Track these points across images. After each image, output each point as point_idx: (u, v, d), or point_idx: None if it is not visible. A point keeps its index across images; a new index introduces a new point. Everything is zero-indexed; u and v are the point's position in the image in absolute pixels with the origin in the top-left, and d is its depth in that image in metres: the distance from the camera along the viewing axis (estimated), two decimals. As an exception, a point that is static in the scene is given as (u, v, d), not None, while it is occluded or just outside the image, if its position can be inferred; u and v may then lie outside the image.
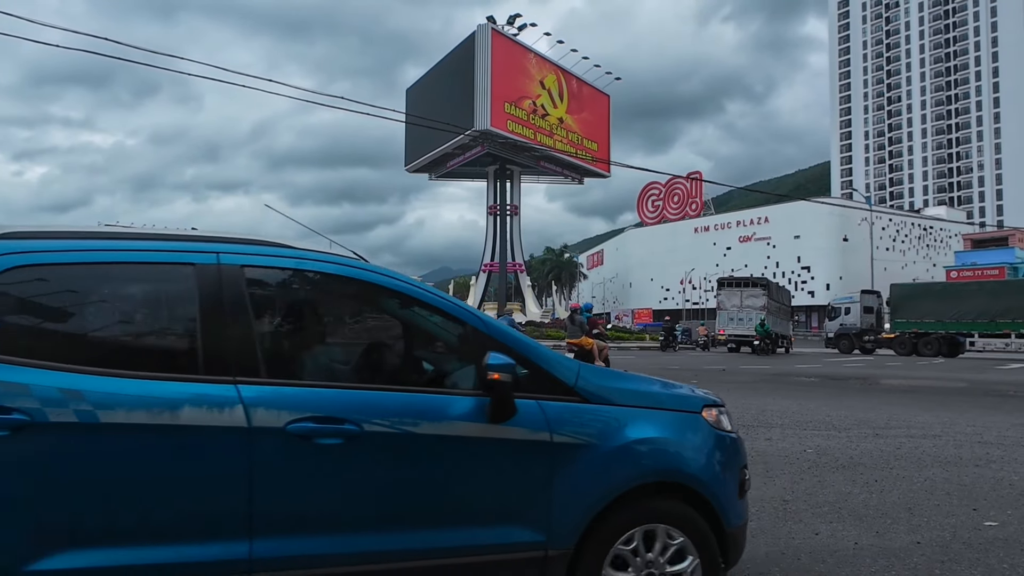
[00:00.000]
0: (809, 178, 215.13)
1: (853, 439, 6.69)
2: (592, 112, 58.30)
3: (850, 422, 7.88)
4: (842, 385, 13.81)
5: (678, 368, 18.82)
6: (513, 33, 52.08)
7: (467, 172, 58.20)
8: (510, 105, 49.65)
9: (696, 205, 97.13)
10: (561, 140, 54.10)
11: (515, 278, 55.66)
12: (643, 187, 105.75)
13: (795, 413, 8.70)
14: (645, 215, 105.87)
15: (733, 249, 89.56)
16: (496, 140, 49.33)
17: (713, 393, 2.84)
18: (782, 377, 15.89)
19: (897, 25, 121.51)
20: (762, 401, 10.15)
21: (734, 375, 16.36)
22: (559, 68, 54.99)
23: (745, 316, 32.09)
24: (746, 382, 14.15)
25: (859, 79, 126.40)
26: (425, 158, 55.43)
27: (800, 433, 7.05)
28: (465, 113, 48.21)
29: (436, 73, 56.16)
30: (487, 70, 48.30)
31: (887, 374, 17.89)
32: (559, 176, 58.87)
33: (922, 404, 10.38)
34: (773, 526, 3.79)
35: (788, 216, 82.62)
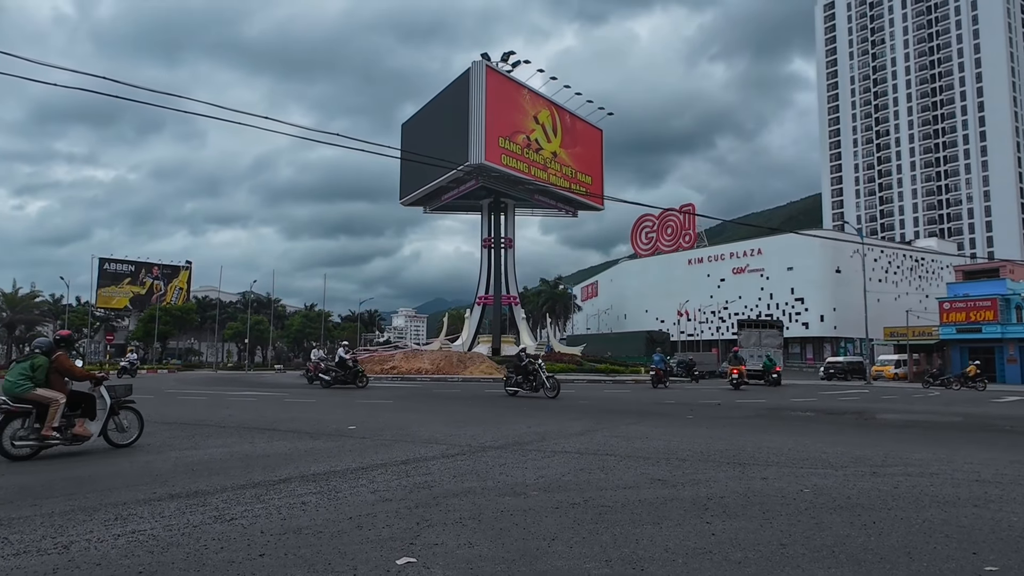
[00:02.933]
0: (801, 210, 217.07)
1: (850, 478, 6.61)
2: (585, 146, 58.95)
3: (847, 459, 7.81)
4: (838, 420, 13.73)
5: (673, 403, 18.71)
6: (507, 70, 52.84)
7: (462, 205, 58.53)
8: (504, 139, 50.15)
9: (689, 237, 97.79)
10: (555, 174, 54.57)
11: (510, 310, 55.57)
12: (636, 219, 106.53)
13: (791, 450, 8.62)
14: (639, 247, 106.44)
15: (727, 281, 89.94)
16: (490, 174, 49.70)
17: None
18: (777, 412, 15.80)
19: (883, 61, 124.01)
20: (758, 438, 10.07)
21: (729, 410, 16.26)
22: (552, 103, 55.73)
23: (764, 354, 35.76)
24: (741, 417, 14.06)
25: (847, 113, 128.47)
26: (420, 191, 55.77)
27: (796, 471, 6.98)
28: (460, 147, 48.65)
29: (431, 108, 56.83)
30: (481, 105, 48.90)
31: (883, 408, 17.82)
32: (553, 209, 59.23)
33: (918, 440, 10.31)
34: (770, 571, 3.72)
35: (781, 248, 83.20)
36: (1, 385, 7.94)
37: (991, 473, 6.96)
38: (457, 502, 5.31)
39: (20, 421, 7.69)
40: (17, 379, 7.73)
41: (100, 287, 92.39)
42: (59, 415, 7.81)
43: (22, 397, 7.68)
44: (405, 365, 39.68)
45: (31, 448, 7.70)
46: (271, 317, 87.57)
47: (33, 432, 7.70)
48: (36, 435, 7.69)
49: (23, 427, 7.70)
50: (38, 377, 7.83)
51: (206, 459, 7.56)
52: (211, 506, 5.14)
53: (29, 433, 7.69)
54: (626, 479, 6.43)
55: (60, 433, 7.84)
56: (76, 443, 8.14)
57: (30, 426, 7.72)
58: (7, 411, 7.62)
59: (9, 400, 7.66)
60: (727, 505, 5.29)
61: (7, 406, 7.63)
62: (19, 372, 7.78)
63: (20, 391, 7.68)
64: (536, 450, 8.40)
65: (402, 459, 7.54)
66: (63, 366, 8.10)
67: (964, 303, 47.64)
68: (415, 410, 15.22)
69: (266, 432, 10.21)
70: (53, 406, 7.77)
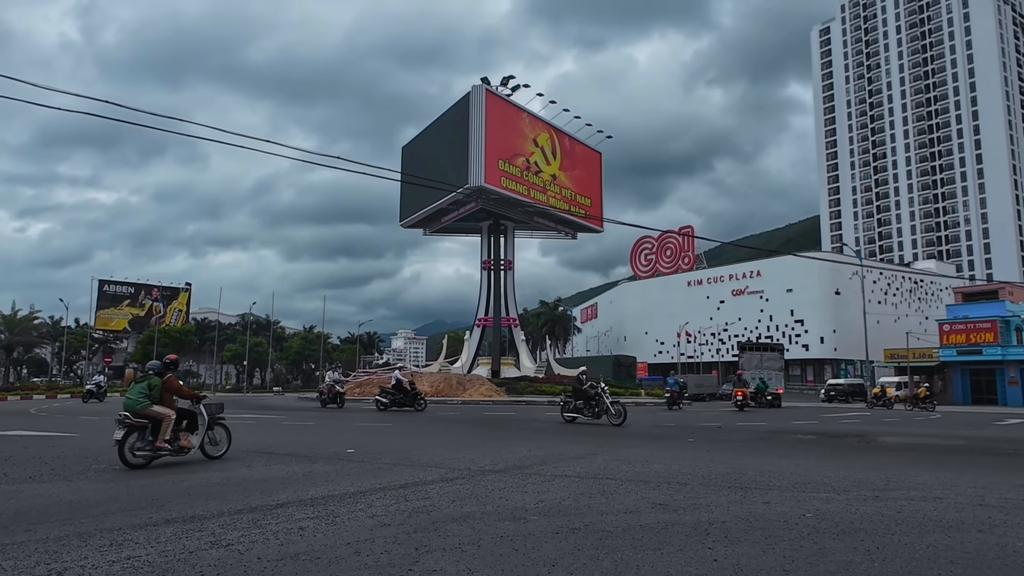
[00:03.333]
0: (799, 232, 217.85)
1: (852, 502, 6.56)
2: (584, 169, 59.34)
3: (849, 483, 7.75)
4: (839, 443, 13.64)
5: (674, 426, 18.61)
6: (507, 93, 53.38)
7: (461, 227, 58.76)
8: (504, 162, 50.50)
9: (688, 259, 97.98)
10: (554, 196, 54.86)
11: (509, 332, 55.51)
12: (636, 241, 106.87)
13: (792, 474, 8.55)
14: (638, 269, 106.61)
15: (727, 302, 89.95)
16: (490, 196, 49.96)
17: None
18: (778, 435, 15.71)
19: (879, 85, 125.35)
20: (759, 461, 9.99)
21: (730, 433, 16.17)
22: (552, 127, 56.22)
23: (767, 376, 36.96)
24: (743, 440, 13.97)
25: (844, 136, 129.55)
26: (420, 213, 56.01)
27: (798, 495, 6.91)
28: (459, 170, 48.99)
29: (431, 131, 57.31)
30: (481, 128, 49.32)
31: (884, 431, 17.72)
32: (553, 231, 59.47)
33: (921, 463, 10.24)
34: (773, 600, 3.67)
35: (780, 270, 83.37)
36: (123, 402, 9.00)
37: (995, 497, 6.90)
38: (456, 527, 5.26)
39: (138, 434, 8.76)
40: (137, 397, 8.79)
41: (99, 309, 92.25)
42: (170, 429, 8.95)
43: (141, 413, 8.75)
44: (404, 387, 39.45)
45: (145, 458, 8.76)
46: (270, 339, 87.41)
47: (148, 444, 8.79)
48: (150, 447, 8.78)
49: (140, 439, 8.77)
50: (154, 396, 8.90)
51: (203, 483, 7.49)
52: (207, 531, 5.08)
53: (145, 445, 8.78)
54: (627, 503, 6.37)
55: (170, 444, 8.95)
56: (181, 454, 9.16)
57: (145, 439, 8.79)
58: (129, 425, 8.68)
59: (130, 415, 8.69)
60: (729, 530, 5.24)
61: (129, 420, 8.68)
62: (138, 391, 8.85)
63: (139, 408, 8.73)
64: (536, 474, 8.34)
65: (401, 483, 7.47)
66: (173, 386, 9.20)
67: (964, 325, 47.59)
68: (414, 433, 15.13)
69: (264, 455, 10.14)
70: (166, 421, 8.90)
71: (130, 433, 8.68)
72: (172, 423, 8.97)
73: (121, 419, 8.70)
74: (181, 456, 9.24)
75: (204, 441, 9.57)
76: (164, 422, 8.88)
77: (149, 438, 8.79)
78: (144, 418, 8.78)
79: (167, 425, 8.89)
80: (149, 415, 8.80)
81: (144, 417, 8.78)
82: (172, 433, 9.01)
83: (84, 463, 9.19)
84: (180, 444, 9.10)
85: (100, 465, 8.97)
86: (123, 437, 8.63)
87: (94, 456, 9.98)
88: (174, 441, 9.03)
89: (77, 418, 20.53)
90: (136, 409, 8.73)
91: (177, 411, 9.17)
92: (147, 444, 8.78)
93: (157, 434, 8.82)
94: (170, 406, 9.06)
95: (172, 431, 9.01)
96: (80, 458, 9.76)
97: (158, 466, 8.90)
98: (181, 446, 9.11)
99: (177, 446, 9.05)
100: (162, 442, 8.82)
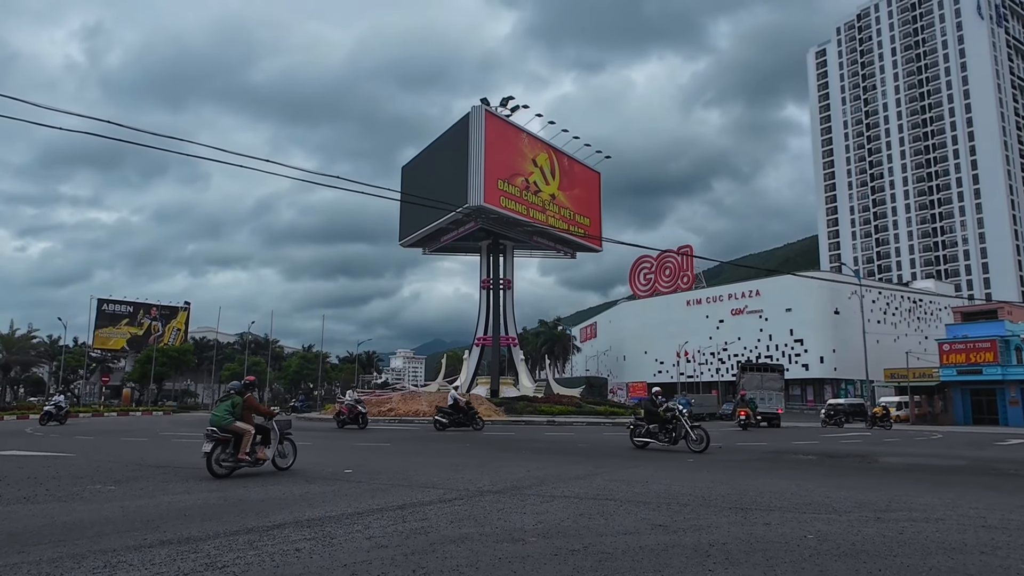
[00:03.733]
0: (798, 251, 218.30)
1: (854, 523, 6.50)
2: (583, 189, 59.62)
3: (850, 504, 7.69)
4: (840, 464, 13.56)
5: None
6: (506, 114, 53.78)
7: (461, 247, 58.90)
8: (503, 182, 50.74)
9: (687, 278, 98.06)
10: (553, 216, 55.06)
11: (508, 351, 55.37)
12: (635, 261, 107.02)
13: (793, 494, 8.49)
14: (637, 288, 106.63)
15: (726, 322, 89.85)
16: (489, 216, 50.14)
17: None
18: (779, 455, 15.62)
19: (876, 106, 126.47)
20: (760, 482, 9.93)
21: (730, 453, 16.07)
22: (551, 147, 56.57)
23: (766, 396, 36.65)
24: (743, 461, 13.89)
25: (842, 157, 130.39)
26: (419, 233, 56.16)
27: (799, 516, 6.86)
28: (459, 189, 49.18)
29: (431, 151, 57.64)
30: (481, 148, 49.61)
31: (885, 451, 17.62)
32: (552, 250, 59.60)
33: (923, 484, 10.17)
34: (775, 623, 3.62)
35: (779, 289, 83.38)
36: (209, 418, 10.05)
37: (997, 518, 6.84)
38: (454, 549, 5.21)
39: (221, 447, 9.75)
40: (223, 414, 9.80)
41: (98, 328, 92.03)
42: (250, 443, 9.95)
43: (226, 428, 9.76)
44: (403, 407, 39.30)
45: (228, 468, 9.74)
46: (269, 358, 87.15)
47: (230, 456, 9.78)
48: (232, 458, 9.79)
49: (223, 452, 9.76)
50: (236, 413, 9.92)
51: (199, 504, 7.42)
52: (203, 553, 5.03)
53: (228, 457, 9.77)
54: (626, 525, 6.31)
55: (249, 456, 9.92)
56: (258, 465, 10.15)
57: (228, 451, 9.79)
58: (216, 439, 9.67)
59: (217, 430, 9.69)
60: (730, 552, 5.19)
61: (216, 435, 9.67)
62: (224, 409, 9.88)
63: (225, 423, 9.75)
64: (535, 495, 8.27)
65: (399, 504, 7.41)
66: (252, 404, 10.25)
67: (964, 344, 47.52)
68: (412, 453, 15.03)
69: (260, 476, 10.06)
70: (246, 436, 9.90)
71: (217, 446, 9.69)
72: (252, 437, 9.98)
73: (209, 434, 9.70)
74: (258, 467, 10.21)
75: (274, 454, 10.49)
76: (245, 437, 9.88)
77: (230, 451, 9.80)
78: (228, 433, 9.78)
79: (247, 439, 9.90)
80: (232, 430, 9.81)
81: (228, 432, 9.78)
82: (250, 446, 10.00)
83: (79, 483, 9.12)
84: (257, 456, 10.06)
85: (95, 485, 8.90)
86: (211, 450, 9.66)
87: (89, 476, 9.90)
88: (252, 453, 9.98)
89: (73, 438, 20.40)
90: (222, 425, 9.73)
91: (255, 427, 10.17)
92: (229, 456, 9.78)
93: (238, 447, 9.82)
94: (249, 422, 10.06)
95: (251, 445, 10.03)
96: (75, 478, 9.69)
97: (151, 487, 8.83)
98: (258, 458, 10.07)
99: (254, 458, 10.01)
100: (243, 454, 9.82)
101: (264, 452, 10.25)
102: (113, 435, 21.99)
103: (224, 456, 9.77)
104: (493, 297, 54.82)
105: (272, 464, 10.48)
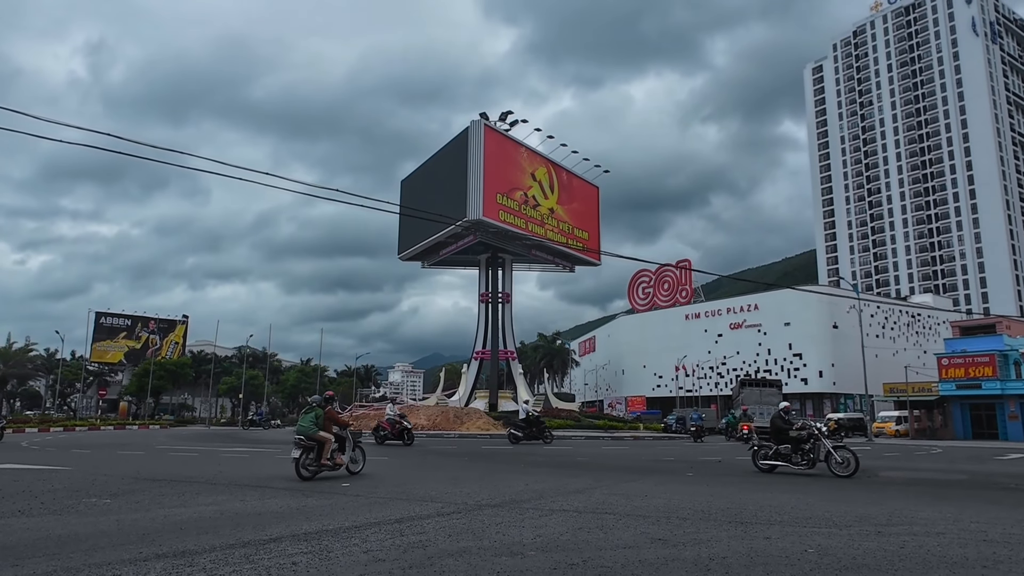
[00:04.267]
0: (796, 266, 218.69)
1: (855, 537, 6.46)
2: (582, 203, 59.82)
3: (850, 518, 7.65)
4: (839, 478, 13.48)
5: (673, 460, 18.43)
6: (505, 128, 54.08)
7: (459, 260, 58.98)
8: (502, 196, 50.90)
9: (686, 292, 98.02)
10: (552, 229, 55.20)
11: (507, 365, 55.27)
12: (633, 275, 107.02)
13: (793, 508, 8.44)
14: (636, 302, 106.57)
15: (724, 336, 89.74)
16: (488, 229, 50.25)
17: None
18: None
19: (872, 121, 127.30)
20: (759, 495, 9.88)
21: (730, 467, 16.01)
22: (549, 161, 56.83)
23: (764, 411, 37.36)
24: (742, 475, 13.83)
25: (839, 172, 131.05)
26: (418, 246, 56.26)
27: (799, 530, 6.82)
28: (458, 203, 49.33)
29: (430, 165, 57.88)
30: (480, 162, 49.82)
31: (886, 465, 17.56)
32: (550, 264, 59.69)
33: (923, 498, 10.12)
34: (776, 637, 3.59)
35: (777, 303, 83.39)
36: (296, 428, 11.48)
37: (999, 533, 6.81)
38: (452, 563, 5.16)
39: (306, 453, 11.15)
40: (309, 425, 11.25)
41: (95, 341, 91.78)
42: (330, 450, 11.32)
43: (311, 436, 11.16)
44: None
45: (311, 472, 11.14)
46: (266, 372, 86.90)
47: (313, 462, 11.19)
48: (315, 463, 11.20)
49: (307, 458, 11.17)
50: (319, 423, 11.35)
51: (195, 517, 7.37)
52: (199, 566, 4.98)
53: (311, 462, 11.18)
54: (626, 539, 6.27)
55: (330, 461, 11.31)
56: (335, 469, 11.54)
57: (311, 457, 11.20)
58: (303, 446, 11.12)
59: (304, 438, 11.12)
60: (730, 566, 5.15)
61: (303, 442, 11.11)
62: (309, 420, 11.32)
63: (310, 432, 11.16)
64: (534, 508, 8.22)
65: (396, 517, 7.36)
66: (332, 416, 11.69)
67: (962, 359, 47.47)
68: (410, 467, 14.95)
69: (257, 489, 10.00)
70: (327, 444, 11.28)
71: (304, 452, 11.11)
72: (332, 445, 11.35)
73: (297, 441, 11.16)
74: (335, 472, 11.65)
75: (348, 460, 11.87)
76: (326, 444, 11.25)
77: (313, 456, 11.18)
78: (313, 441, 11.16)
79: (328, 447, 11.27)
80: (316, 439, 11.20)
81: (312, 440, 11.17)
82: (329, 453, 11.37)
83: (75, 497, 9.05)
84: (335, 461, 11.43)
85: (91, 499, 8.84)
86: (299, 456, 11.09)
87: (85, 490, 9.84)
88: (331, 459, 11.34)
89: (69, 451, 20.28)
90: (308, 433, 11.14)
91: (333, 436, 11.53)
92: (313, 461, 11.16)
93: (320, 454, 11.21)
94: (329, 431, 11.45)
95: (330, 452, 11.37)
96: (71, 491, 9.62)
97: (148, 500, 8.78)
98: (336, 463, 11.44)
99: (333, 463, 11.37)
100: (324, 460, 11.22)
101: (340, 458, 11.59)
102: (109, 448, 21.86)
103: (309, 461, 11.13)
104: (492, 311, 54.80)
105: (346, 469, 11.79)
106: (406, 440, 23.52)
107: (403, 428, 23.70)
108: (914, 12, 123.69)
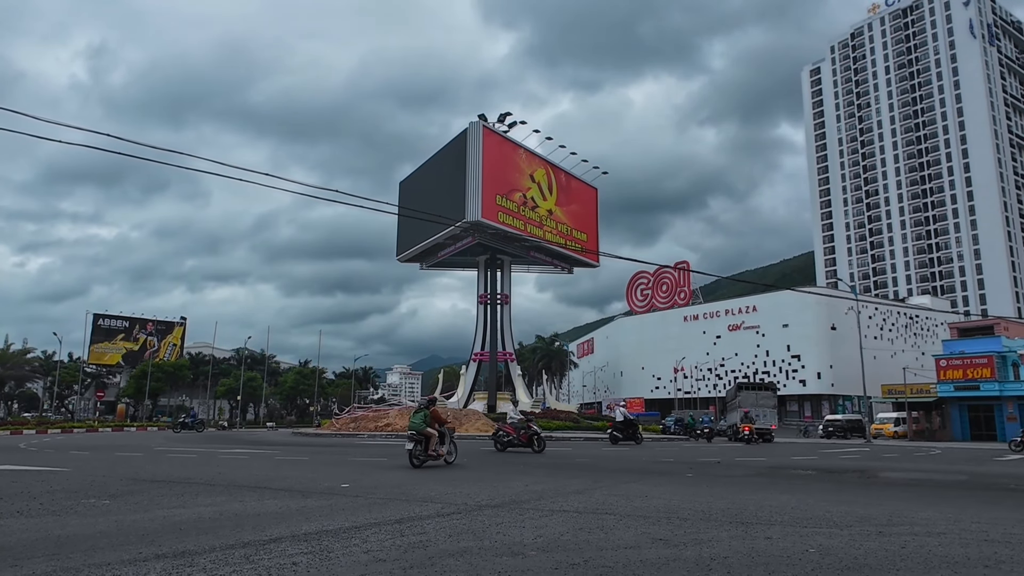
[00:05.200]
0: (794, 268, 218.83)
1: (856, 537, 6.45)
2: (580, 204, 59.85)
3: (851, 519, 7.64)
4: (840, 479, 13.50)
5: (672, 461, 18.41)
6: (504, 130, 54.10)
7: (458, 262, 58.96)
8: (501, 197, 50.91)
9: (684, 294, 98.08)
10: (551, 231, 55.21)
11: (505, 367, 55.25)
12: (632, 276, 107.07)
13: (794, 509, 8.44)
14: (634, 304, 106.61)
15: (723, 338, 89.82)
16: (487, 231, 50.24)
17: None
18: (778, 470, 15.55)
19: (870, 123, 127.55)
20: (760, 496, 9.87)
21: (730, 468, 16.00)
22: (548, 163, 56.86)
23: (760, 413, 38.53)
24: (742, 476, 13.82)
25: (837, 174, 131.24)
26: (417, 248, 56.24)
27: (800, 531, 6.81)
28: (457, 205, 49.33)
29: (429, 166, 57.89)
30: (478, 164, 49.83)
31: (886, 466, 17.56)
32: (549, 266, 59.69)
33: (924, 499, 10.12)
34: (779, 637, 3.58)
35: (776, 305, 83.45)
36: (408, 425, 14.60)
37: (1000, 533, 6.80)
38: (453, 563, 5.15)
39: (416, 445, 13.74)
40: (420, 422, 13.84)
41: (93, 343, 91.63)
42: (435, 443, 13.83)
43: (421, 431, 13.76)
44: (400, 422, 39.13)
45: (420, 460, 13.64)
46: (265, 373, 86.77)
47: (422, 452, 13.71)
48: (424, 454, 13.73)
49: (417, 448, 13.73)
50: (427, 421, 13.88)
51: (194, 518, 7.35)
52: (198, 567, 4.96)
53: (421, 452, 13.70)
54: (627, 539, 6.26)
55: (435, 453, 13.85)
56: (437, 459, 14.00)
57: (420, 448, 13.74)
58: (415, 440, 13.78)
59: (416, 433, 13.80)
60: (731, 565, 5.14)
61: (416, 436, 13.79)
62: (420, 418, 13.92)
63: (420, 428, 13.79)
64: (534, 509, 8.21)
65: (396, 518, 7.34)
66: (436, 415, 14.27)
67: (960, 360, 47.53)
68: (410, 468, 14.92)
69: (257, 490, 9.98)
70: (432, 438, 13.79)
71: (416, 445, 13.66)
72: (436, 439, 13.82)
73: (411, 436, 13.85)
74: (438, 462, 14.09)
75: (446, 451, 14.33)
76: (432, 439, 13.76)
77: (421, 448, 13.70)
78: (422, 435, 13.70)
79: (433, 440, 13.78)
80: (424, 434, 13.72)
81: (422, 435, 13.71)
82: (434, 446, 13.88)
83: (74, 497, 9.02)
84: (438, 453, 13.91)
85: (90, 499, 8.81)
86: (412, 447, 13.70)
87: (84, 491, 9.81)
88: (435, 451, 13.80)
89: (67, 453, 20.23)
90: (418, 429, 13.75)
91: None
92: (422, 452, 13.66)
93: (427, 446, 13.71)
94: (433, 428, 13.90)
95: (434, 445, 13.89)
96: (69, 492, 9.59)
97: (147, 501, 8.75)
98: (439, 454, 13.93)
99: (436, 453, 13.82)
100: (431, 451, 13.72)
101: (441, 450, 14.00)
102: (108, 450, 21.81)
103: (419, 451, 13.61)
104: (490, 312, 54.78)
105: (444, 460, 14.20)
106: (537, 446, 20.15)
107: (533, 433, 20.44)
108: (912, 14, 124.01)
